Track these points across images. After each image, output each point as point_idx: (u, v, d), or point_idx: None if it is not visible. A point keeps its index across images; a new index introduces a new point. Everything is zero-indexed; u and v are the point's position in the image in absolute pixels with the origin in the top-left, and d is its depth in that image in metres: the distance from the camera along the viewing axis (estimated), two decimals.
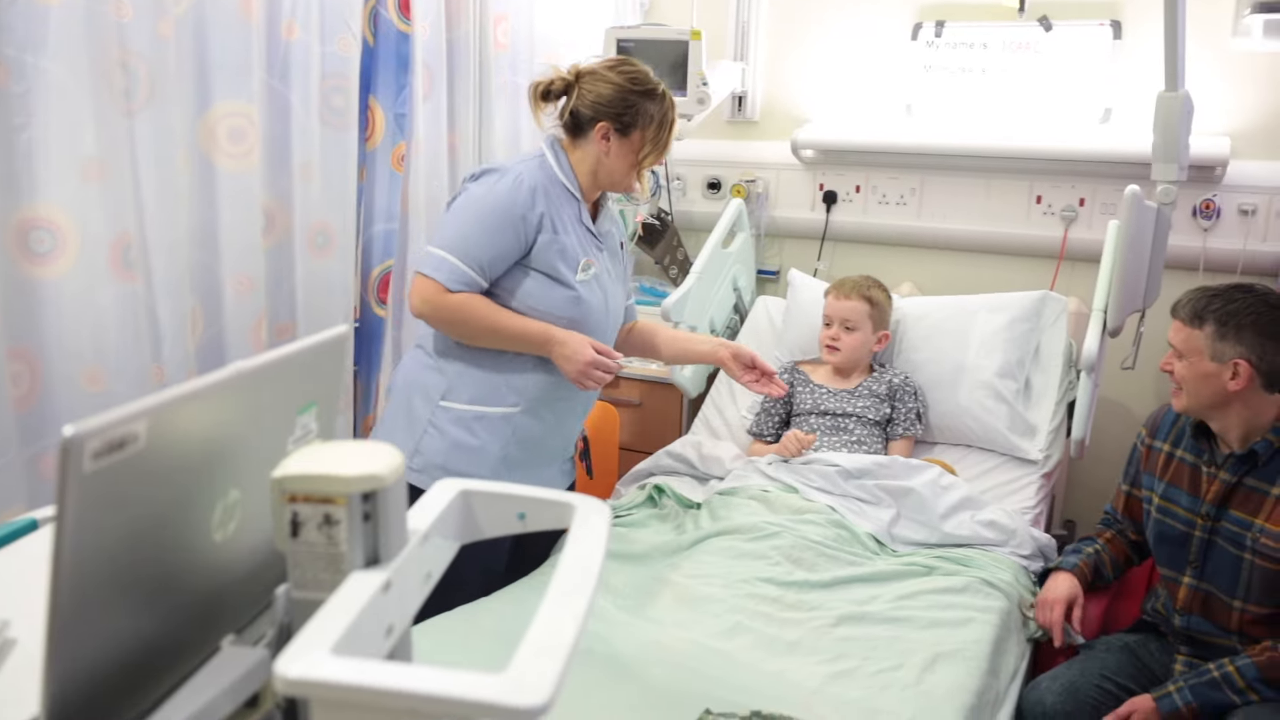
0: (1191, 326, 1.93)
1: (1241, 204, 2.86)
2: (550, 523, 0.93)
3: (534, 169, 2.10)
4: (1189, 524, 2.01)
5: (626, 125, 2.10)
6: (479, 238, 2.03)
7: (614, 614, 1.96)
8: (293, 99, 2.36)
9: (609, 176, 2.15)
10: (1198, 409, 1.96)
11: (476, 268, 2.03)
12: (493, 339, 2.08)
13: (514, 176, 2.06)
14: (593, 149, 2.12)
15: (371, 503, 0.77)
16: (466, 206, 2.07)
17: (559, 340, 2.06)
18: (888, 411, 2.70)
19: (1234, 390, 1.89)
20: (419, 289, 2.04)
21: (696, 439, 2.82)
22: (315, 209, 2.45)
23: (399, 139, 2.62)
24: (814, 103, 3.40)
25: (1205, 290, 1.95)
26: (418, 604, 0.84)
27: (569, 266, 2.10)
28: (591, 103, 2.10)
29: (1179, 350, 1.96)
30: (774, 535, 2.22)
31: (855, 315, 2.71)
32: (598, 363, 2.05)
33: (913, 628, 1.96)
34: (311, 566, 0.77)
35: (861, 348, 2.73)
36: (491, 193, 2.05)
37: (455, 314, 2.04)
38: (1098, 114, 2.99)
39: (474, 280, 2.03)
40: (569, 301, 2.10)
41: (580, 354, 2.04)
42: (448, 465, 2.10)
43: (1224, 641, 1.97)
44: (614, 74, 2.10)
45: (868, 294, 2.72)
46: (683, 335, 2.50)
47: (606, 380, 2.09)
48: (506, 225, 2.04)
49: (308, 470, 0.76)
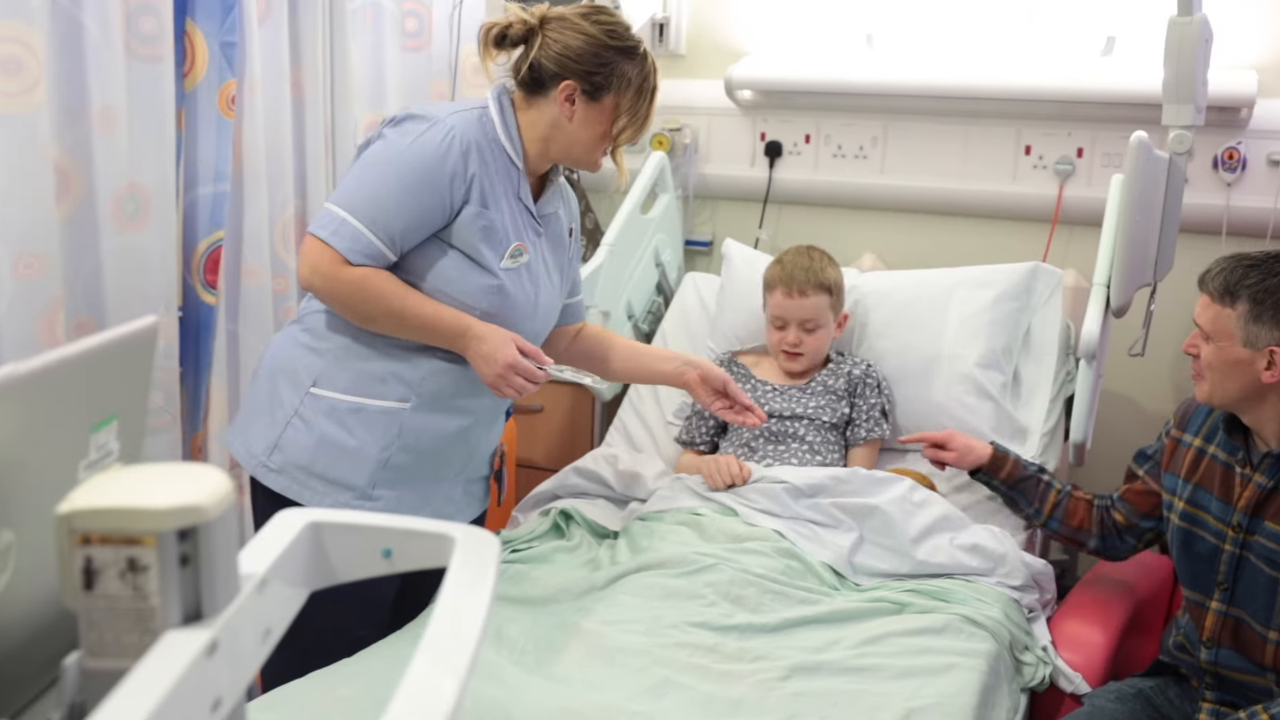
0: (1221, 304, 1.96)
1: (1271, 153, 2.95)
2: (423, 560, 0.92)
3: (471, 123, 2.10)
4: (1219, 535, 2.06)
5: (597, 87, 2.12)
6: (393, 201, 2.03)
7: (510, 673, 1.96)
8: (86, 21, 2.30)
9: (566, 147, 2.17)
10: (1223, 401, 2.01)
11: (385, 238, 2.03)
12: (396, 326, 2.08)
13: (445, 130, 2.06)
14: (551, 111, 2.14)
15: (190, 542, 0.75)
16: (382, 160, 2.06)
17: (477, 335, 2.07)
18: (846, 412, 2.73)
19: (1269, 382, 1.93)
20: (310, 255, 2.04)
21: (612, 452, 2.83)
22: (122, 166, 2.40)
23: (227, 75, 2.57)
24: (753, 32, 3.43)
25: (1239, 259, 1.98)
26: (254, 669, 0.83)
27: (494, 250, 2.10)
28: (557, 55, 2.11)
29: (1206, 331, 1.99)
30: (709, 569, 2.23)
31: (817, 313, 2.74)
32: (520, 366, 2.06)
33: (881, 679, 1.98)
34: (112, 627, 0.75)
35: (825, 345, 2.78)
36: (415, 146, 2.05)
37: (352, 292, 2.04)
38: (1099, 44, 3.05)
39: (380, 253, 2.03)
40: (487, 291, 2.10)
41: (499, 354, 2.05)
42: (313, 466, 2.11)
43: (1258, 680, 2.03)
44: (588, 23, 2.13)
45: (824, 280, 2.74)
46: (643, 349, 2.53)
47: (530, 389, 2.10)
48: (429, 189, 2.04)
49: (105, 503, 0.73)
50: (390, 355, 2.12)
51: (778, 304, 2.77)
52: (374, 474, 2.13)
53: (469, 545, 0.89)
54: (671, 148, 3.44)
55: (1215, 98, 2.70)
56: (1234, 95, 2.86)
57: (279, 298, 2.86)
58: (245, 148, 2.68)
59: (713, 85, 3.40)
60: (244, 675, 0.81)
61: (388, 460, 2.14)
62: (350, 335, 2.13)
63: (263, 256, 2.76)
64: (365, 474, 2.12)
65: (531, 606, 2.19)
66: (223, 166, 2.60)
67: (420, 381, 2.13)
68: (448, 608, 0.80)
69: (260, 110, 2.69)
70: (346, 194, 2.06)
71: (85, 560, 0.74)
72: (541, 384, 2.11)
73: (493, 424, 2.30)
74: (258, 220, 2.73)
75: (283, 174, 2.83)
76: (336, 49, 2.97)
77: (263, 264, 2.77)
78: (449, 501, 2.24)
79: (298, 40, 2.84)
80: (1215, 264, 2.01)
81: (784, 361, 2.78)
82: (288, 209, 2.86)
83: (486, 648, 1.99)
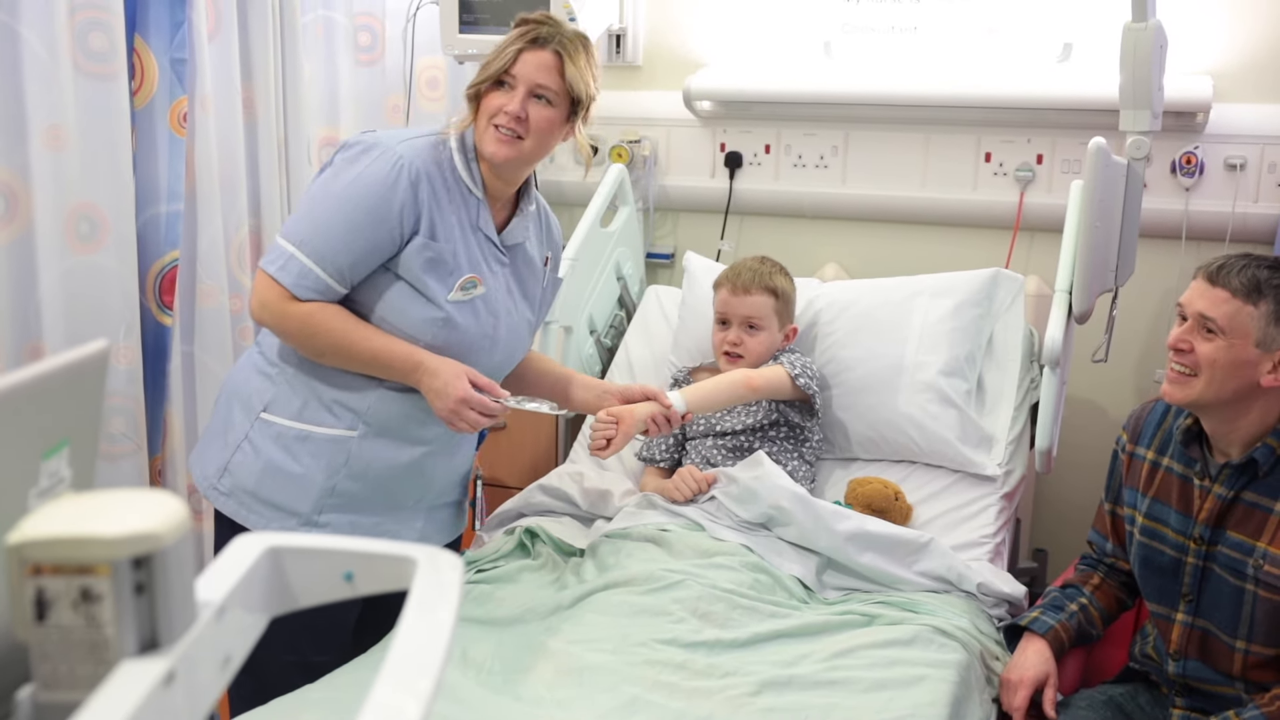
0: (1245, 300, 1.91)
1: (1228, 157, 2.98)
2: (385, 583, 0.91)
3: (422, 151, 2.09)
4: (1180, 549, 2.07)
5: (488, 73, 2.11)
6: (341, 235, 2.02)
7: (477, 694, 1.95)
8: (28, 35, 2.29)
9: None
10: (1212, 403, 1.97)
11: (334, 272, 2.03)
12: (345, 361, 2.09)
13: (393, 160, 2.04)
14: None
15: (146, 570, 0.74)
16: (330, 192, 2.05)
17: (429, 370, 2.06)
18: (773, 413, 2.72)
19: (1266, 386, 1.92)
20: (259, 290, 2.04)
21: (577, 469, 2.82)
22: (74, 186, 2.38)
23: (178, 92, 2.56)
24: (711, 42, 3.44)
25: (1254, 258, 1.95)
26: (213, 699, 0.82)
27: (440, 281, 2.09)
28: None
29: (1218, 325, 1.92)
30: (676, 585, 2.23)
31: (760, 312, 2.73)
32: (473, 400, 2.05)
33: (853, 691, 1.99)
34: (65, 658, 0.73)
35: (768, 351, 2.76)
36: (362, 178, 2.04)
37: (299, 328, 2.04)
38: (1056, 51, 3.08)
39: (328, 288, 2.03)
40: (430, 323, 2.09)
41: (451, 388, 2.04)
42: (259, 491, 2.11)
43: (1226, 690, 2.04)
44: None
45: (771, 284, 2.74)
46: (567, 378, 2.45)
47: (484, 424, 2.09)
48: (377, 221, 2.03)
49: (57, 532, 0.72)
50: (338, 383, 2.12)
51: (722, 300, 2.77)
52: (319, 501, 2.12)
53: (431, 567, 0.88)
54: (631, 160, 3.44)
55: (1172, 103, 2.73)
56: (1190, 100, 2.89)
57: (235, 318, 2.84)
58: (198, 166, 2.67)
59: (671, 96, 3.40)
60: (203, 705, 0.80)
61: (334, 488, 2.13)
62: (300, 361, 2.12)
63: (219, 276, 2.75)
64: (310, 501, 2.12)
65: (498, 627, 2.18)
66: (175, 185, 2.59)
67: (368, 410, 2.12)
68: (410, 631, 0.79)
69: (212, 128, 2.68)
70: (296, 227, 2.05)
71: (37, 591, 0.72)
72: (499, 416, 2.10)
73: (454, 452, 2.28)
74: (213, 240, 2.72)
75: (237, 192, 2.81)
76: (288, 64, 2.96)
77: (219, 284, 2.75)
78: (409, 528, 2.23)
79: (249, 56, 2.83)
80: (1229, 260, 1.95)
81: (724, 363, 2.76)
82: (243, 228, 2.84)
83: (452, 670, 1.98)
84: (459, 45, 3.07)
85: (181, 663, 0.75)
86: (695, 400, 2.47)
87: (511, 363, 2.30)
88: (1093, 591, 2.28)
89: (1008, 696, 2.14)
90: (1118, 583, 2.30)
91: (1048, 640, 2.18)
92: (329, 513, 2.13)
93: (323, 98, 3.10)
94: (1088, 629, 2.24)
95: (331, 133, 3.17)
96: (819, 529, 2.39)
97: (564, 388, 2.40)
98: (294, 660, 2.03)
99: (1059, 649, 2.18)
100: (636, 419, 2.31)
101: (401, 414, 2.14)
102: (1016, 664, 2.17)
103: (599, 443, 2.30)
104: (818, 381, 2.72)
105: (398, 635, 0.79)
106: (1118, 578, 2.30)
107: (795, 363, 2.68)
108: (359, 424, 2.13)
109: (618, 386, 2.44)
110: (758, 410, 2.70)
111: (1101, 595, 2.28)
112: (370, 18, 3.22)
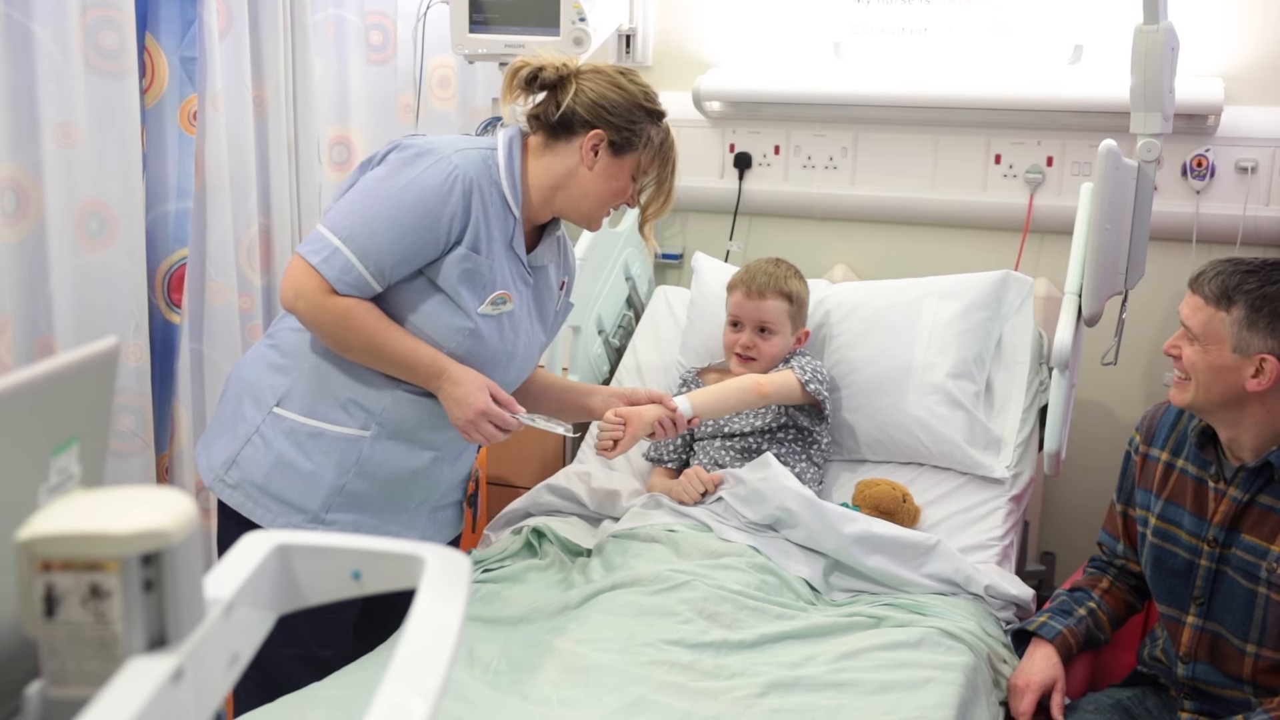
0: (1216, 307, 1.93)
1: (1240, 160, 2.97)
2: (393, 581, 0.91)
3: (475, 163, 2.10)
4: (1193, 551, 2.07)
5: (625, 142, 2.16)
6: (389, 236, 2.02)
7: (484, 693, 1.95)
8: (40, 34, 2.30)
9: (576, 198, 2.19)
10: (1206, 407, 2.00)
11: (375, 271, 2.03)
12: (372, 359, 2.09)
13: (449, 169, 2.05)
14: (569, 159, 2.16)
15: (154, 567, 0.74)
16: (383, 191, 2.05)
17: (452, 378, 2.07)
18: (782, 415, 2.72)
19: (1254, 390, 1.92)
20: (296, 277, 2.03)
21: (585, 469, 2.82)
22: (84, 184, 2.39)
23: (188, 90, 2.57)
24: (721, 43, 3.44)
25: (1236, 263, 1.96)
26: (221, 696, 0.82)
27: (474, 293, 2.10)
28: (592, 103, 2.14)
29: (1194, 332, 1.96)
30: (683, 586, 2.23)
31: (774, 317, 2.73)
32: (492, 414, 2.07)
33: (859, 693, 1.98)
34: (74, 654, 0.74)
35: (781, 354, 2.76)
36: (417, 182, 2.04)
37: (334, 321, 2.04)
38: (1067, 53, 3.07)
39: (367, 285, 2.04)
40: (458, 332, 2.10)
41: (473, 399, 2.06)
42: (268, 485, 2.12)
43: (1235, 693, 2.04)
44: (625, 79, 2.19)
45: (786, 289, 2.74)
46: (569, 390, 2.51)
47: (500, 438, 2.11)
48: (425, 228, 2.04)
49: (66, 528, 0.73)
50: (355, 381, 2.12)
51: (736, 303, 2.76)
52: (328, 499, 2.13)
53: (439, 566, 0.88)
54: None
55: (1183, 105, 2.72)
56: (1201, 103, 2.88)
57: (245, 316, 2.85)
58: (208, 164, 2.67)
59: (680, 97, 3.39)
60: (211, 702, 0.80)
61: (343, 487, 2.14)
62: (318, 357, 2.13)
63: (228, 274, 2.75)
64: (319, 498, 2.13)
65: (504, 626, 2.18)
66: (185, 183, 2.59)
67: (382, 411, 2.13)
68: (418, 629, 0.80)
69: (223, 126, 2.69)
70: (343, 220, 2.04)
71: (46, 587, 0.73)
72: (514, 432, 2.12)
73: (459, 458, 2.29)
74: (222, 237, 2.72)
75: (246, 190, 2.82)
76: (299, 63, 2.96)
77: (228, 282, 2.75)
78: (412, 529, 2.24)
79: (259, 54, 2.83)
80: (1209, 266, 1.98)
81: (736, 365, 2.76)
82: (252, 226, 2.84)
83: (459, 669, 1.98)
84: (469, 45, 3.07)
85: (190, 660, 0.75)
86: (703, 404, 2.47)
87: (521, 380, 2.31)
88: (1101, 595, 2.28)
89: (1015, 701, 2.14)
90: (1127, 586, 2.30)
91: (1055, 646, 2.18)
92: (336, 511, 2.14)
93: (333, 96, 3.10)
94: (1096, 634, 2.24)
95: (342, 132, 3.17)
96: (826, 531, 2.39)
97: (575, 399, 2.44)
98: (297, 654, 2.04)
99: (1067, 654, 2.18)
100: (644, 421, 2.32)
101: (415, 418, 2.15)
102: (1024, 669, 2.17)
103: (606, 443, 2.30)
104: (827, 385, 2.72)
105: (405, 634, 0.79)
106: (1127, 580, 2.30)
107: (806, 368, 2.68)
108: (372, 424, 2.13)
109: (625, 391, 2.44)
110: (766, 413, 2.70)
111: (1110, 599, 2.28)
112: (381, 16, 3.22)
